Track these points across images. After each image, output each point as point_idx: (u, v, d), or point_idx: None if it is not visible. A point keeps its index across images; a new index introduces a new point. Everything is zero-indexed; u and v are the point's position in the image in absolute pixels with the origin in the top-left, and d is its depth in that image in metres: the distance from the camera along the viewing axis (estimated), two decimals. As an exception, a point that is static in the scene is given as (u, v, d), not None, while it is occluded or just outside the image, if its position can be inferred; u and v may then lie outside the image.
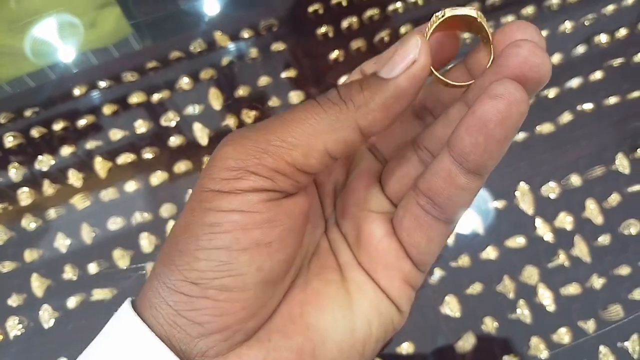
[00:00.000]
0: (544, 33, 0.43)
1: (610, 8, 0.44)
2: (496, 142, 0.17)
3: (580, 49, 0.42)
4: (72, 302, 0.36)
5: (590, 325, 0.34)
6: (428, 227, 0.20)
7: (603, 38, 0.43)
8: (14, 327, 0.35)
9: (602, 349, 0.34)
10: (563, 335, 0.34)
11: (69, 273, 0.36)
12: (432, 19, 0.19)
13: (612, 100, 0.40)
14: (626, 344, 0.34)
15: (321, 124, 0.18)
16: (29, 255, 0.37)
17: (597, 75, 0.41)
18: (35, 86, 0.42)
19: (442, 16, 0.18)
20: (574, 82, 0.41)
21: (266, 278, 0.19)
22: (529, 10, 0.44)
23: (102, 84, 0.41)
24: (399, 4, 0.44)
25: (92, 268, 0.36)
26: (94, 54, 0.43)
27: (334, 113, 0.18)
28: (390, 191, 0.23)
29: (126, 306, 0.19)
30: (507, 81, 0.17)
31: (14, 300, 0.36)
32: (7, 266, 0.36)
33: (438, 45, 0.20)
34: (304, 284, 0.21)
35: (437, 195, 0.19)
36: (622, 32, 0.43)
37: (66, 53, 0.43)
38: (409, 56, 0.18)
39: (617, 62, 0.42)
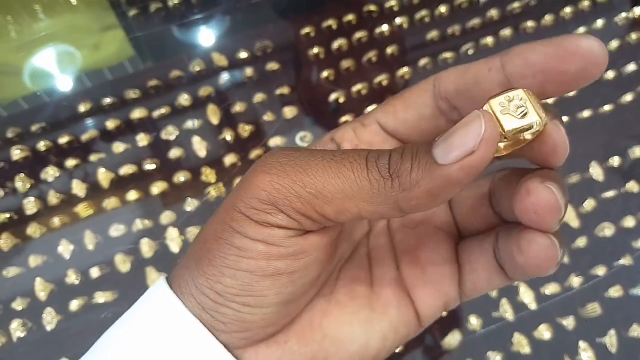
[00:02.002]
0: (521, 53, 0.46)
1: (581, 30, 0.47)
2: (533, 275, 0.19)
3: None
4: (74, 305, 0.37)
5: (569, 322, 0.36)
6: (494, 273, 0.21)
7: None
8: (18, 329, 0.36)
9: (582, 344, 0.35)
10: (544, 331, 0.36)
11: (72, 277, 0.38)
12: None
13: (585, 114, 0.43)
14: (604, 339, 0.36)
15: (362, 191, 0.17)
16: (34, 260, 0.38)
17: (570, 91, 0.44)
18: (41, 104, 0.44)
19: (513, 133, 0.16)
20: (549, 98, 0.44)
21: (286, 300, 0.19)
22: (506, 32, 0.47)
23: (107, 100, 0.44)
24: (385, 27, 0.47)
25: (94, 272, 0.38)
26: (89, 76, 0.45)
27: (377, 186, 0.17)
28: (458, 215, 0.23)
29: (162, 283, 0.20)
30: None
31: (18, 304, 0.37)
32: (12, 271, 0.38)
33: None
34: (329, 294, 0.22)
35: (504, 258, 0.20)
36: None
37: (70, 73, 0.45)
38: (468, 145, 0.16)
39: (589, 78, 0.45)
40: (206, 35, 0.47)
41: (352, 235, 0.23)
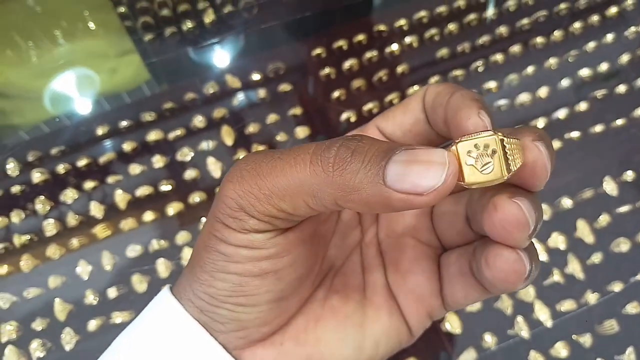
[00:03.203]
0: (531, 69, 0.46)
1: (591, 45, 0.47)
2: (501, 290, 0.19)
3: (565, 83, 0.45)
4: (92, 325, 0.38)
5: (586, 340, 0.36)
6: (470, 286, 0.21)
7: (585, 72, 0.46)
8: (37, 349, 0.37)
9: (599, 361, 0.35)
10: (560, 349, 0.35)
11: (90, 298, 0.38)
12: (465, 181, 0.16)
13: (598, 128, 0.43)
14: (622, 357, 0.35)
15: (305, 186, 0.17)
16: (53, 281, 0.39)
17: (582, 106, 0.44)
18: (61, 127, 0.45)
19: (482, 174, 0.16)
20: (561, 113, 0.44)
21: (277, 297, 0.20)
22: (515, 49, 0.47)
23: (123, 123, 0.45)
24: (395, 46, 0.48)
25: (112, 293, 0.38)
26: (106, 100, 0.47)
27: (318, 179, 0.17)
28: (438, 229, 0.23)
29: (165, 292, 0.22)
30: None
31: (38, 324, 0.38)
32: (32, 292, 0.39)
33: None
34: (323, 299, 0.23)
35: (480, 270, 0.19)
36: (604, 66, 0.46)
37: (89, 97, 0.47)
38: (421, 187, 0.15)
39: (600, 93, 0.45)
40: (220, 58, 0.48)
41: (345, 243, 0.24)
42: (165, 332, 0.21)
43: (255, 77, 0.47)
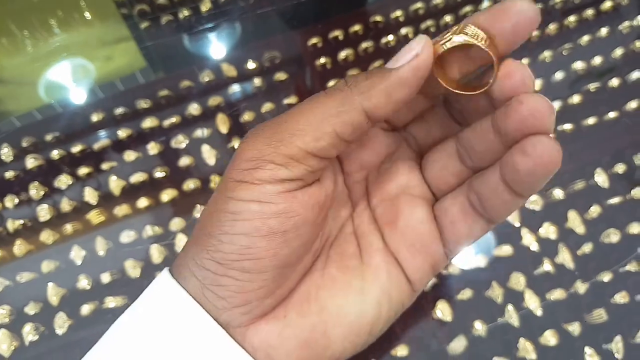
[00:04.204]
0: (525, 61, 0.47)
1: (585, 39, 0.48)
2: (537, 181, 0.19)
3: (559, 75, 0.46)
4: (85, 309, 0.38)
5: (575, 328, 0.36)
6: (472, 221, 0.22)
7: (579, 65, 0.46)
8: (30, 333, 0.37)
9: (587, 350, 0.35)
10: (549, 337, 0.36)
11: (83, 283, 0.39)
12: (441, 43, 0.20)
13: (590, 121, 0.44)
14: (610, 345, 0.36)
15: (328, 109, 0.19)
16: (46, 266, 0.39)
17: (575, 99, 0.45)
18: (56, 114, 0.45)
19: (449, 40, 0.20)
20: (555, 105, 0.44)
21: (282, 263, 0.21)
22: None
23: (118, 110, 0.45)
24: (391, 37, 0.48)
25: (105, 278, 0.39)
26: (101, 87, 0.47)
27: (339, 98, 0.19)
28: (430, 178, 0.24)
29: (165, 273, 0.22)
30: (538, 139, 0.19)
31: (30, 308, 0.38)
32: (25, 276, 0.39)
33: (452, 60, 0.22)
34: (322, 269, 0.23)
35: (484, 200, 0.21)
36: (597, 60, 0.46)
37: (83, 85, 0.47)
38: (412, 51, 0.19)
39: (593, 86, 0.45)
40: (216, 47, 0.48)
41: (338, 216, 0.24)
42: (164, 314, 0.21)
43: (251, 65, 0.47)
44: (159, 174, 0.42)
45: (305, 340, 0.22)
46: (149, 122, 0.44)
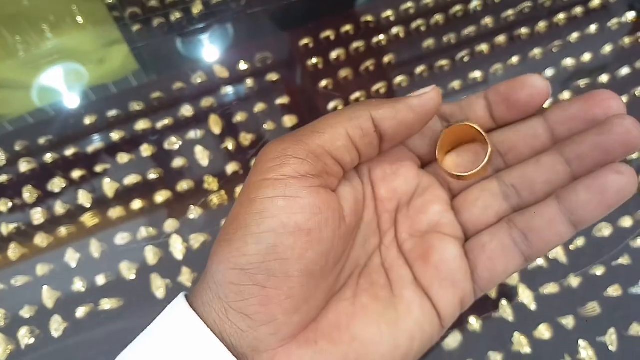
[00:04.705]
0: (516, 59, 0.47)
1: (574, 36, 0.48)
2: (606, 207, 0.21)
3: (549, 72, 0.46)
4: (80, 312, 0.38)
5: (569, 321, 0.36)
6: (511, 257, 0.23)
7: (569, 62, 0.47)
8: (26, 336, 0.37)
9: (582, 343, 0.36)
10: (544, 331, 0.36)
11: (78, 285, 0.38)
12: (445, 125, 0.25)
13: (581, 117, 0.44)
14: (604, 337, 0.36)
15: (343, 115, 0.22)
16: (41, 269, 0.39)
17: (566, 95, 0.45)
18: (48, 118, 0.45)
19: (447, 126, 0.25)
20: (546, 102, 0.44)
21: (308, 268, 0.20)
22: (500, 39, 0.48)
23: (111, 113, 0.45)
24: (382, 37, 0.48)
25: (100, 280, 0.39)
26: (94, 90, 0.47)
27: (354, 108, 0.22)
28: (466, 218, 0.24)
29: (181, 299, 0.21)
30: (626, 166, 0.21)
31: (26, 312, 0.38)
32: (20, 280, 0.39)
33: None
34: (352, 297, 0.23)
35: (532, 233, 0.22)
36: (587, 57, 0.47)
37: (76, 88, 0.47)
38: (426, 90, 0.23)
39: (583, 83, 0.46)
40: (208, 49, 0.49)
41: (366, 247, 0.24)
42: (177, 346, 0.20)
43: (243, 67, 0.47)
44: (152, 175, 0.42)
45: None
46: (142, 124, 0.44)
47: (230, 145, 0.44)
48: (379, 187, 0.25)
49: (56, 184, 0.42)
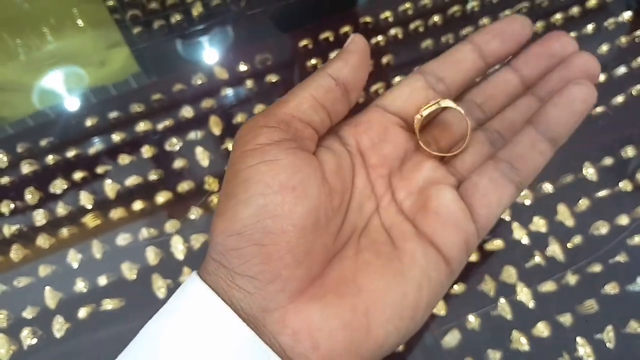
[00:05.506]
0: (513, 59, 0.47)
1: (572, 35, 0.48)
2: (577, 116, 0.25)
3: (547, 72, 0.46)
4: (83, 312, 0.38)
5: (567, 319, 0.37)
6: (503, 189, 0.24)
7: (566, 61, 0.47)
8: (28, 337, 0.37)
9: (580, 340, 0.36)
10: (542, 329, 0.36)
11: (80, 286, 0.39)
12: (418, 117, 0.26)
13: (578, 116, 0.44)
14: (602, 335, 0.36)
15: (304, 82, 0.24)
16: (43, 270, 0.39)
17: (563, 94, 0.45)
18: (50, 120, 0.46)
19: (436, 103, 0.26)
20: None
21: (300, 222, 0.21)
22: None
23: (112, 114, 0.45)
24: (380, 37, 0.49)
25: (102, 280, 0.39)
26: (95, 92, 0.47)
27: (313, 74, 0.24)
28: (459, 167, 0.27)
29: (193, 276, 0.22)
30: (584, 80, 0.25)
31: (28, 313, 0.38)
32: (23, 281, 0.39)
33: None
34: (354, 255, 0.24)
35: (518, 160, 0.25)
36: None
37: (77, 91, 0.47)
38: (350, 38, 0.26)
39: (580, 82, 0.46)
40: (208, 50, 0.49)
41: (363, 210, 0.25)
42: (192, 320, 0.21)
43: (243, 68, 0.47)
44: (153, 176, 0.43)
45: (347, 322, 0.21)
46: (142, 126, 0.45)
47: (230, 146, 0.44)
48: (368, 155, 0.26)
49: (58, 186, 0.42)
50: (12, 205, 0.42)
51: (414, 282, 0.23)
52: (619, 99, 0.45)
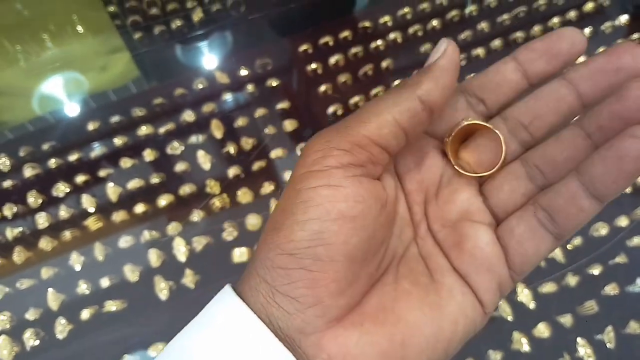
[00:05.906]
0: (512, 63, 0.48)
1: (569, 39, 0.49)
2: (626, 176, 0.20)
3: (545, 75, 0.47)
4: (85, 314, 0.38)
5: (567, 320, 0.37)
6: (540, 239, 0.22)
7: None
8: (31, 338, 0.37)
9: (580, 340, 0.36)
10: (543, 329, 0.37)
11: (83, 288, 0.39)
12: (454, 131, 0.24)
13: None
14: (602, 335, 0.36)
15: (388, 101, 0.22)
16: (46, 272, 0.40)
17: (561, 97, 0.46)
18: (52, 124, 0.46)
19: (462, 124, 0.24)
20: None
21: (351, 253, 0.21)
22: (496, 43, 0.49)
23: (114, 119, 0.46)
24: (379, 42, 0.49)
25: (104, 282, 0.39)
26: (95, 97, 0.48)
27: (397, 92, 0.22)
28: (494, 203, 0.24)
29: (227, 289, 0.22)
30: None
31: (31, 314, 0.38)
32: (25, 283, 0.39)
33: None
34: (394, 282, 0.23)
35: (557, 212, 0.22)
36: (581, 59, 0.48)
37: (77, 96, 0.47)
38: (442, 47, 0.22)
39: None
40: (208, 55, 0.49)
41: (402, 238, 0.25)
42: (225, 333, 0.21)
43: (243, 72, 0.48)
44: (155, 179, 0.43)
45: (384, 350, 0.21)
46: (144, 130, 0.45)
47: (231, 149, 0.44)
48: (405, 180, 0.25)
49: (60, 189, 0.43)
50: (15, 209, 0.42)
51: (450, 317, 0.22)
52: None
